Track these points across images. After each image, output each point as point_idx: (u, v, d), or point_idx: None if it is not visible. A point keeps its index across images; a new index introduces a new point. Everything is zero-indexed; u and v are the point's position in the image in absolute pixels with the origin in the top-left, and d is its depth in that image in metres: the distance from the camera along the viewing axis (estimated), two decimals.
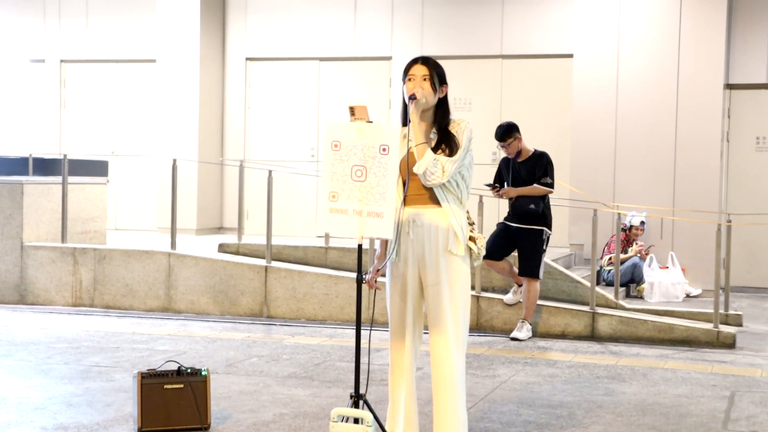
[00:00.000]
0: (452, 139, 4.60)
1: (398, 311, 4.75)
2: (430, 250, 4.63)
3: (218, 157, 13.86)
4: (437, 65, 4.67)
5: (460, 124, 4.67)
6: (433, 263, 4.64)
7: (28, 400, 6.08)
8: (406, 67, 4.68)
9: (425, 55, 4.87)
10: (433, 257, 4.63)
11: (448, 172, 4.55)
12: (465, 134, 4.63)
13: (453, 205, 4.64)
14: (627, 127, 12.08)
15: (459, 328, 4.65)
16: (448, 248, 4.62)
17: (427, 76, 4.61)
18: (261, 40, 13.87)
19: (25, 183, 10.46)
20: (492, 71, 13.00)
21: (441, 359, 4.64)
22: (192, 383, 5.39)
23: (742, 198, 12.23)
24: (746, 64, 12.15)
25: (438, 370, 4.65)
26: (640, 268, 11.31)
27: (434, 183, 4.56)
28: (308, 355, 7.87)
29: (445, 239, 4.62)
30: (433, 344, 4.68)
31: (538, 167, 8.67)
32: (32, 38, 14.82)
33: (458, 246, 4.63)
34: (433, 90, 4.62)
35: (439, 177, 4.54)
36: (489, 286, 9.54)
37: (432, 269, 4.64)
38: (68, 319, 9.55)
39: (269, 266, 9.91)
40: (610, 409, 6.20)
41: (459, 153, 4.58)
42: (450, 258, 4.63)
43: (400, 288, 4.73)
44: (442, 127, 4.66)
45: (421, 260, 4.66)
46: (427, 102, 4.61)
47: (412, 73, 4.63)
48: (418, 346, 4.83)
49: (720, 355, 8.21)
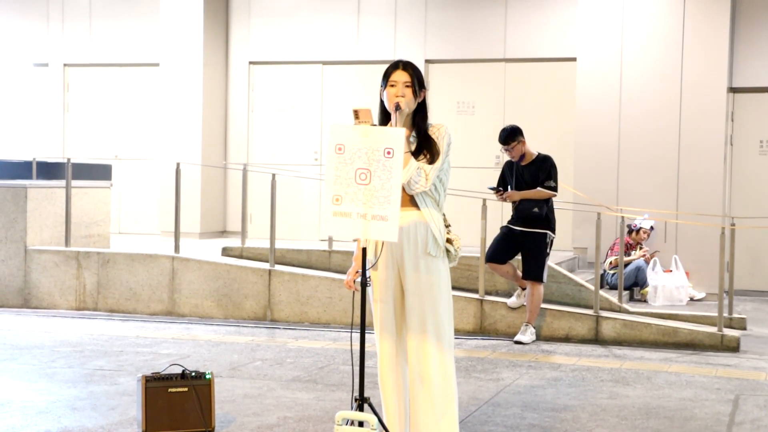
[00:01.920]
0: (433, 145, 4.66)
1: (381, 315, 4.76)
2: (409, 252, 4.67)
3: (221, 160, 13.87)
4: (417, 69, 4.74)
5: (440, 129, 4.72)
6: (413, 265, 4.67)
7: (32, 404, 6.09)
8: (387, 72, 4.72)
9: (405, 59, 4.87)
10: (412, 260, 4.67)
11: (431, 179, 4.62)
12: (444, 139, 4.70)
13: (431, 208, 4.70)
14: (630, 130, 12.07)
15: (441, 330, 4.67)
16: (426, 250, 4.66)
17: (409, 83, 4.66)
18: (264, 43, 13.88)
19: (29, 187, 10.47)
20: (495, 75, 13.00)
21: (419, 360, 4.65)
22: (196, 387, 5.39)
23: (745, 201, 12.22)
24: (750, 68, 12.13)
25: (416, 371, 4.66)
26: (644, 271, 11.29)
27: (418, 191, 4.63)
28: (312, 358, 7.87)
29: (424, 241, 4.67)
30: (411, 347, 4.69)
31: (541, 171, 8.66)
32: (36, 42, 14.83)
33: (437, 248, 4.68)
34: (414, 96, 4.66)
35: (423, 185, 4.62)
36: (492, 290, 9.54)
37: (411, 271, 4.68)
38: (72, 323, 9.55)
39: (273, 270, 9.91)
40: (614, 412, 6.20)
41: (439, 159, 4.65)
42: (429, 260, 4.68)
43: (381, 291, 4.75)
44: (422, 131, 4.70)
45: (401, 263, 4.70)
46: (409, 107, 4.66)
47: (394, 79, 4.68)
48: (404, 347, 4.83)
49: (724, 358, 8.21)
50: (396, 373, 4.79)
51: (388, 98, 4.68)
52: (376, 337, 4.81)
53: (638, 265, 11.30)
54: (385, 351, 4.78)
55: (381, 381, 4.81)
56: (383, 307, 4.76)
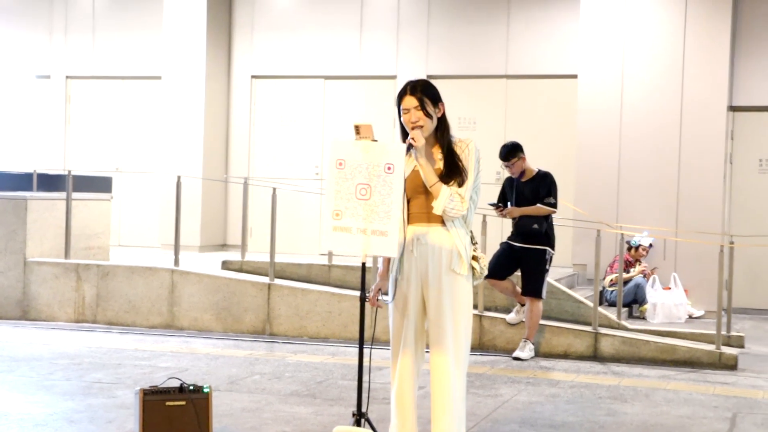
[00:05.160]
0: (461, 167, 4.61)
1: (400, 329, 4.75)
2: (433, 268, 4.64)
3: (222, 174, 13.88)
4: (426, 88, 4.67)
5: (468, 144, 4.68)
6: (436, 282, 4.65)
7: (29, 417, 6.08)
8: (399, 97, 4.69)
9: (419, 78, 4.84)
10: (437, 276, 4.64)
11: (467, 200, 4.58)
12: (473, 156, 4.65)
13: (457, 225, 4.65)
14: (631, 148, 12.10)
15: (460, 348, 4.66)
16: (451, 267, 4.63)
17: (419, 106, 4.62)
18: (266, 58, 13.92)
19: (30, 199, 10.48)
20: (497, 91, 13.04)
21: (441, 378, 4.65)
22: (194, 400, 5.38)
23: (744, 220, 12.23)
24: (750, 87, 12.17)
25: (437, 389, 4.66)
26: (643, 288, 11.31)
27: (457, 216, 4.59)
28: (311, 373, 7.87)
29: (449, 258, 4.63)
30: (434, 363, 4.69)
31: (542, 187, 8.67)
32: (38, 54, 14.88)
33: (462, 265, 4.65)
34: (429, 116, 4.63)
35: (460, 209, 4.58)
36: (492, 306, 9.54)
37: (435, 288, 4.65)
38: (71, 335, 9.55)
39: (272, 284, 9.92)
40: (612, 429, 6.19)
41: (470, 179, 4.61)
42: (453, 277, 4.64)
43: (402, 306, 4.74)
44: (446, 146, 4.67)
45: (425, 279, 4.67)
46: (427, 130, 4.63)
47: (405, 106, 4.66)
48: (420, 364, 4.83)
49: (722, 376, 8.20)
50: (413, 388, 4.79)
51: (405, 124, 4.67)
52: (395, 353, 4.79)
53: (637, 282, 11.31)
54: (405, 366, 4.76)
55: (398, 395, 4.77)
56: (406, 324, 4.75)
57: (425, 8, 13.25)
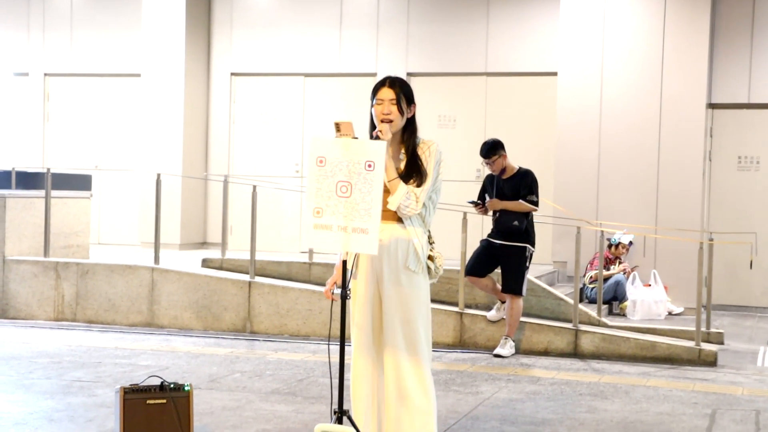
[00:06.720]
0: (421, 168, 4.64)
1: (359, 327, 4.76)
2: (389, 266, 4.67)
3: (202, 171, 13.85)
4: (404, 85, 4.71)
5: (430, 147, 4.71)
6: (391, 280, 4.67)
7: (8, 416, 6.05)
8: (375, 88, 4.71)
9: (395, 75, 4.88)
10: (392, 273, 4.66)
11: (422, 201, 4.63)
12: (433, 158, 4.68)
13: (415, 224, 4.70)
14: (610, 145, 12.14)
15: (417, 344, 4.66)
16: (406, 265, 4.66)
17: (395, 100, 4.64)
18: (246, 55, 13.89)
19: (8, 197, 10.42)
20: (476, 88, 13.05)
21: (396, 376, 4.65)
22: (175, 398, 5.36)
23: (724, 217, 12.30)
24: (728, 84, 12.23)
25: (392, 386, 4.66)
26: (623, 285, 11.35)
27: (411, 215, 4.64)
28: (291, 371, 7.86)
29: (405, 256, 4.67)
30: (388, 362, 4.69)
31: (522, 185, 8.69)
32: (16, 52, 14.78)
33: (417, 263, 4.68)
34: (401, 113, 4.65)
35: (414, 208, 4.63)
36: (472, 303, 9.55)
37: (390, 285, 4.67)
38: (50, 334, 9.50)
39: (253, 282, 9.90)
40: (592, 426, 6.21)
41: (428, 181, 4.65)
42: (409, 274, 4.68)
43: (361, 303, 4.75)
44: (411, 148, 4.68)
45: (380, 276, 4.69)
46: (395, 126, 4.65)
47: (380, 97, 4.68)
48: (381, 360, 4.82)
49: (702, 373, 8.24)
50: (371, 387, 4.77)
51: (375, 116, 4.69)
52: (353, 349, 4.80)
53: (617, 280, 11.35)
54: (359, 365, 4.77)
55: (353, 394, 4.79)
56: (361, 321, 4.75)
57: (405, 6, 13.25)
